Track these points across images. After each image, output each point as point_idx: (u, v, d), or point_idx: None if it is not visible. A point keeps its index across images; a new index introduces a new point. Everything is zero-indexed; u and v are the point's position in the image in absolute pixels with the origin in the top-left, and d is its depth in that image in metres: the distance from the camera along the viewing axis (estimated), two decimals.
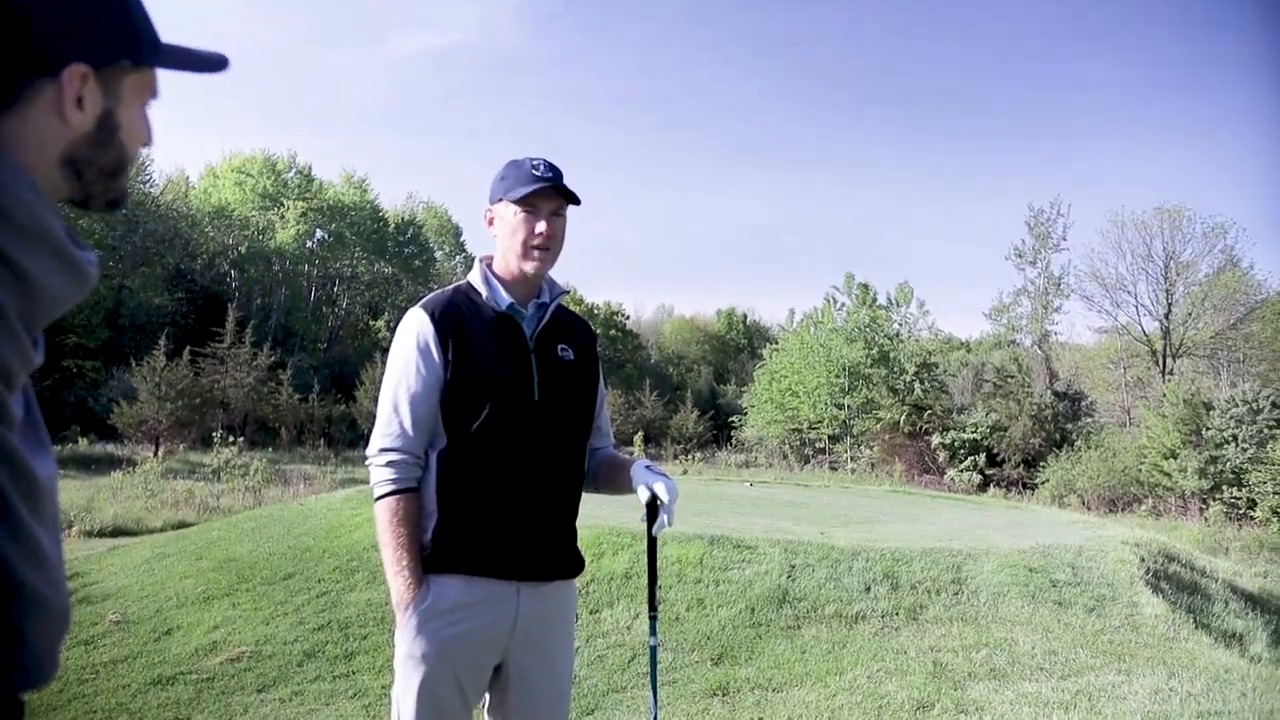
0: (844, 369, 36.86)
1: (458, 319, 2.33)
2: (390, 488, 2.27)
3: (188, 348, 29.76)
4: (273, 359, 34.73)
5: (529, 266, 2.35)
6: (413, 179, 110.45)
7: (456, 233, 61.37)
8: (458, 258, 61.73)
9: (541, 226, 2.33)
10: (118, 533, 13.40)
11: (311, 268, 51.51)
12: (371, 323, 52.22)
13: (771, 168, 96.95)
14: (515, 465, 2.29)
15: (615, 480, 2.49)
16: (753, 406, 40.69)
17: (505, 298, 2.37)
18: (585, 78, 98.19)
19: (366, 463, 2.36)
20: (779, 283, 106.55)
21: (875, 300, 38.60)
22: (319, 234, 51.09)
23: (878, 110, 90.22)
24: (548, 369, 2.37)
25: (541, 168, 2.33)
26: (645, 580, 7.30)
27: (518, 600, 2.31)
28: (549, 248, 2.36)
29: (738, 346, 66.17)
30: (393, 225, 54.04)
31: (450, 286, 2.46)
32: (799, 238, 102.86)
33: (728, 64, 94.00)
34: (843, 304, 39.26)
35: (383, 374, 2.44)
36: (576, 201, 2.36)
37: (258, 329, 37.64)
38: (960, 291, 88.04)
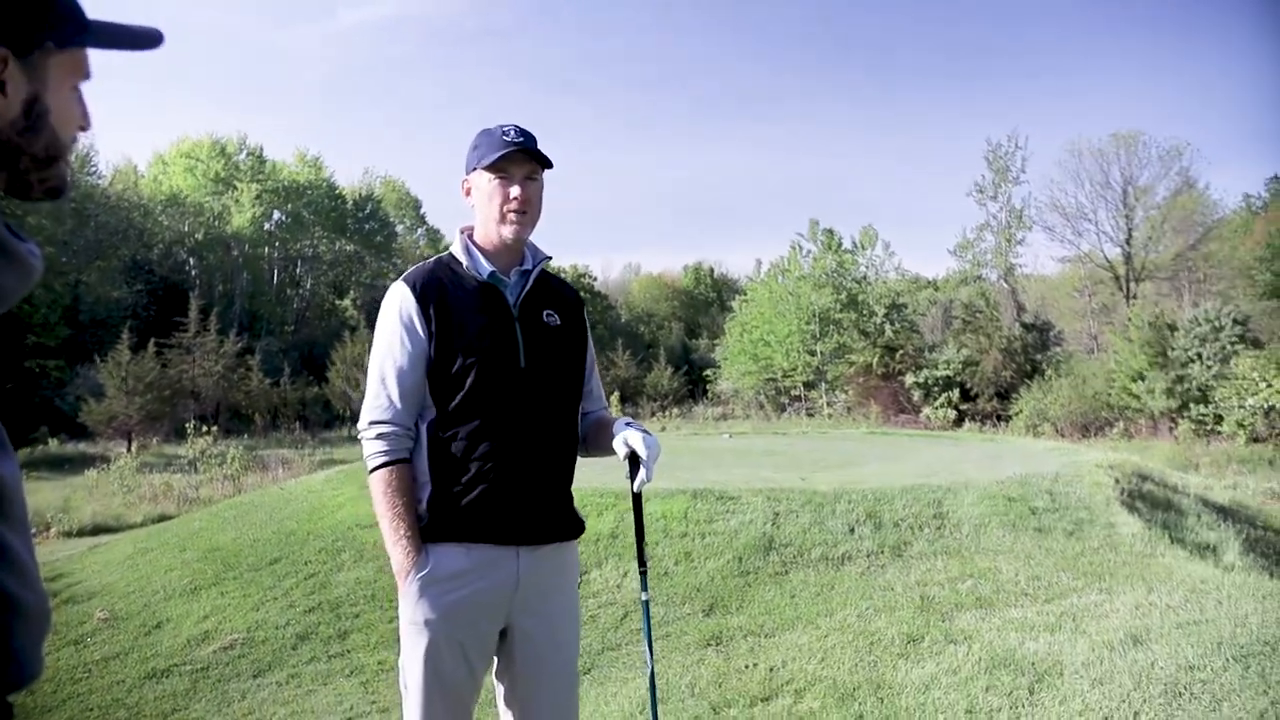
0: (814, 315, 36.97)
1: (440, 290, 2.35)
2: (383, 459, 2.29)
3: (152, 340, 29.29)
4: (240, 345, 34.32)
5: (507, 232, 2.36)
6: (368, 154, 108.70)
7: (416, 206, 60.66)
8: (419, 230, 61.11)
9: (516, 191, 2.34)
10: (98, 531, 13.28)
11: (271, 250, 50.77)
12: (337, 302, 51.67)
13: (731, 121, 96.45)
14: (504, 432, 2.30)
15: (601, 441, 2.50)
16: (726, 359, 40.80)
17: (486, 266, 2.39)
18: (535, 43, 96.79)
19: (358, 437, 2.38)
20: (745, 235, 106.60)
21: (841, 245, 38.61)
22: (276, 215, 50.28)
23: (834, 58, 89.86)
24: (533, 335, 2.38)
25: (512, 133, 2.34)
26: (632, 538, 7.37)
27: (517, 564, 2.32)
28: (525, 211, 2.36)
29: (707, 300, 66.15)
30: (351, 202, 53.28)
31: (432, 258, 2.47)
32: (762, 189, 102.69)
33: (679, 21, 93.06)
34: (809, 251, 39.25)
35: (364, 352, 2.43)
36: (549, 165, 2.38)
37: (222, 316, 37.13)
38: (925, 231, 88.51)
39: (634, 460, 2.37)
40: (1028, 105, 73.84)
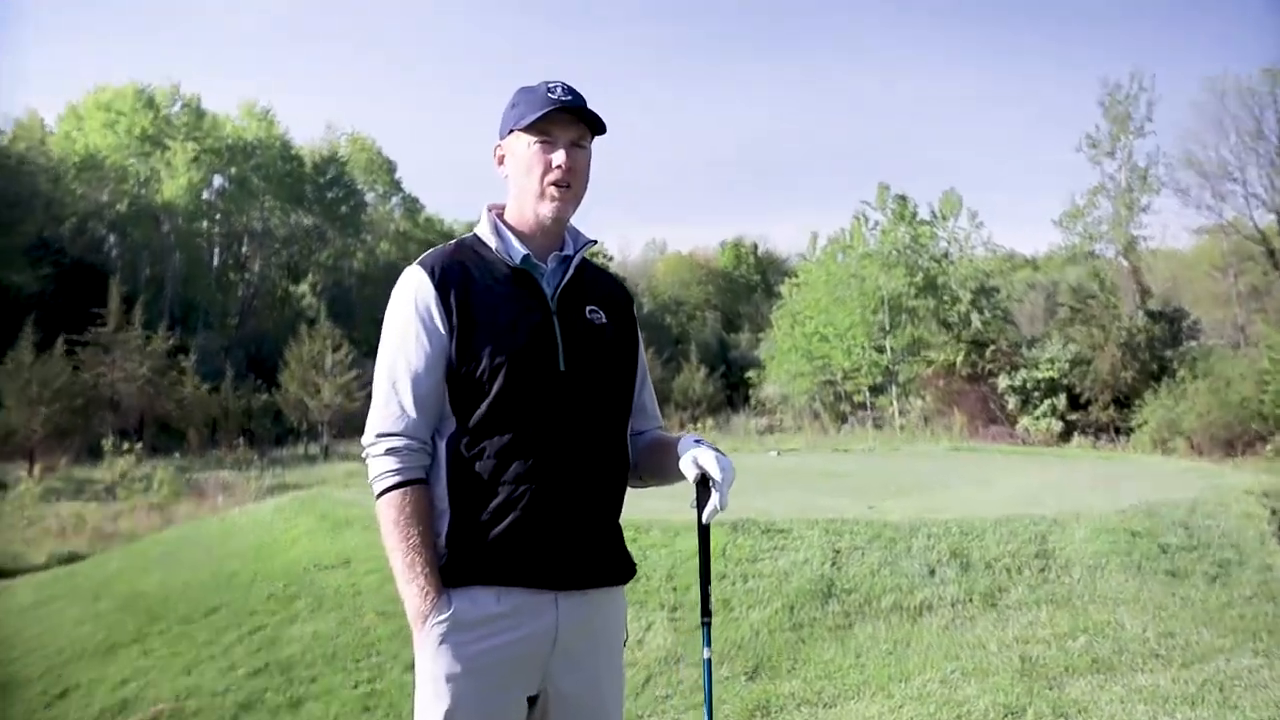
0: (883, 302, 36.81)
1: (463, 277, 2.39)
2: (394, 480, 2.32)
3: (61, 335, 29.59)
4: (171, 342, 34.62)
5: (546, 209, 2.42)
6: (330, 105, 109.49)
7: (390, 168, 61.01)
8: (394, 199, 61.54)
9: (560, 158, 2.39)
10: None
11: (211, 225, 51.28)
12: (292, 288, 52.12)
13: (773, 60, 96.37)
14: (541, 449, 2.33)
15: (661, 464, 2.54)
16: (772, 358, 40.72)
17: (519, 249, 2.43)
18: None
19: (363, 453, 2.40)
20: (795, 203, 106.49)
21: (916, 215, 38.42)
22: (217, 181, 50.81)
23: None
24: (575, 333, 2.43)
25: (559, 90, 2.40)
26: (657, 581, 7.32)
27: (556, 612, 2.35)
28: (569, 184, 2.42)
29: (749, 285, 66.20)
30: (310, 165, 53.74)
31: (453, 241, 2.53)
32: (815, 146, 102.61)
33: None
34: (876, 222, 39.08)
35: (324, 349, 2.42)
36: (601, 129, 2.44)
37: (149, 306, 37.49)
38: (1021, 197, 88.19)
39: (703, 484, 2.41)
40: (1152, 34, 73.19)
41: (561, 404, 2.36)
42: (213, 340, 42.84)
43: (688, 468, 2.40)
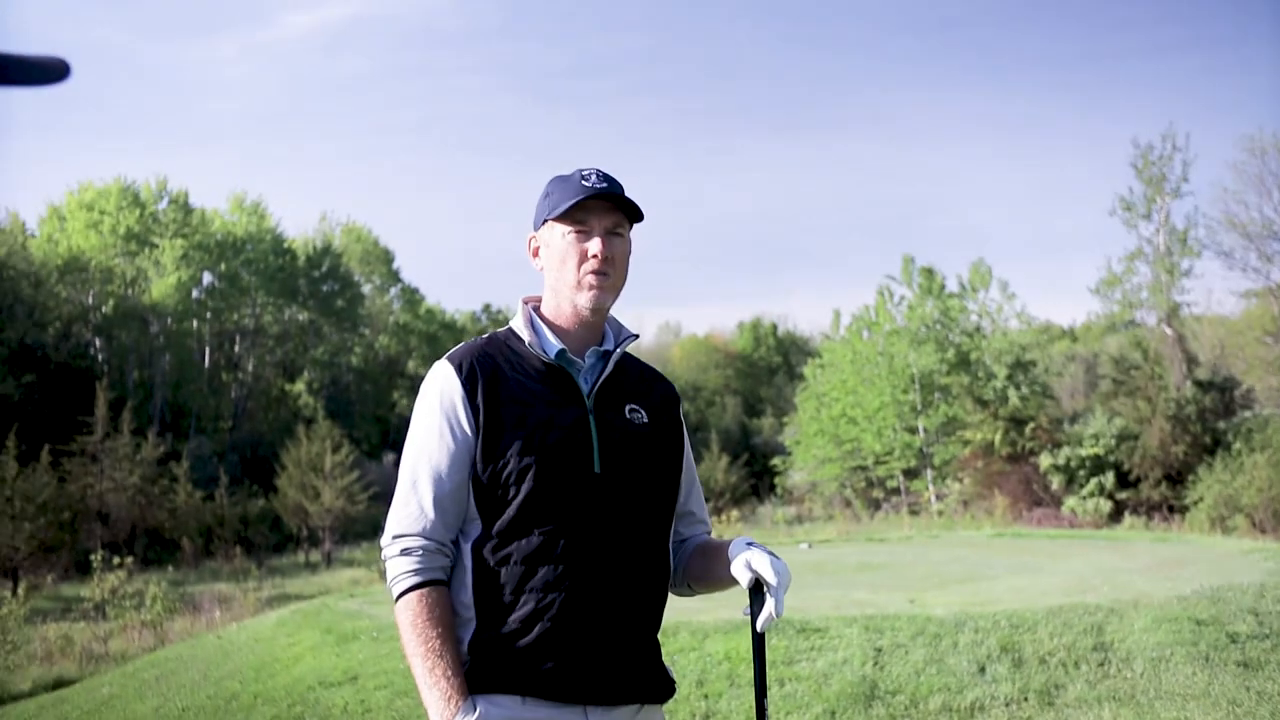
0: (913, 380, 36.86)
1: (493, 372, 2.42)
2: (412, 580, 2.32)
3: (46, 445, 29.74)
4: (162, 449, 34.82)
5: (584, 301, 2.45)
6: (323, 196, 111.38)
7: (388, 259, 61.78)
8: (393, 290, 62.14)
9: (596, 246, 2.42)
10: None
11: (202, 324, 51.77)
12: (288, 387, 52.39)
13: (783, 133, 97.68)
14: (572, 556, 2.33)
15: (710, 569, 2.54)
16: (798, 443, 40.67)
17: (555, 344, 2.46)
18: (526, 44, 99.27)
19: (381, 556, 2.43)
20: (815, 280, 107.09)
21: (944, 288, 38.68)
22: (207, 279, 51.42)
23: (917, 41, 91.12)
24: (612, 433, 2.43)
25: (593, 177, 2.45)
26: (684, 690, 7.24)
27: None
28: (607, 274, 2.44)
29: (771, 367, 66.33)
30: (303, 258, 54.38)
31: (484, 335, 2.56)
32: (834, 219, 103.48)
33: (708, 6, 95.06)
34: (902, 297, 39.34)
35: (323, 451, 2.44)
36: (639, 217, 2.49)
37: (139, 411, 37.78)
38: (1054, 265, 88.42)
39: (757, 590, 2.39)
40: (1185, 91, 74.11)
41: (595, 508, 2.36)
42: (205, 445, 43.01)
43: (740, 573, 2.38)
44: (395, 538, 2.36)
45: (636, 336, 2.56)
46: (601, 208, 2.43)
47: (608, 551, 2.36)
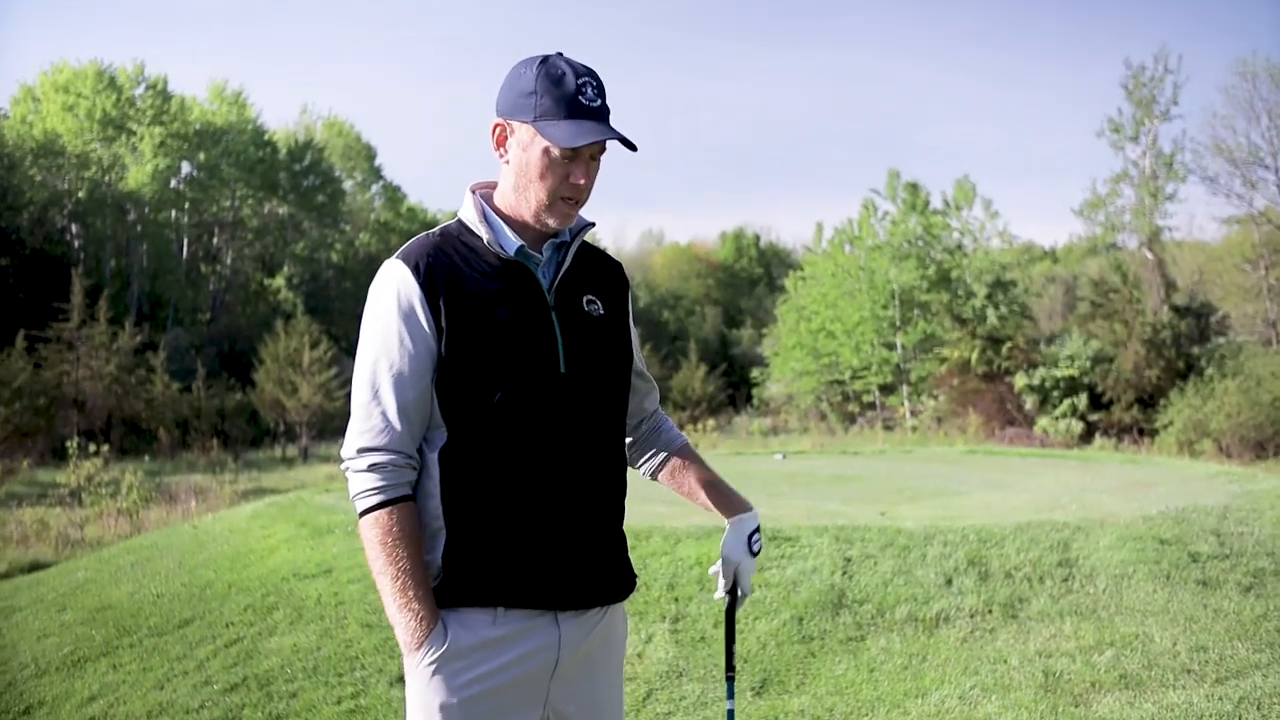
0: (893, 297, 36.90)
1: (450, 271, 2.32)
2: (376, 499, 2.27)
3: (21, 331, 29.63)
4: (139, 339, 34.64)
5: (552, 221, 2.35)
6: (305, 87, 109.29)
7: (370, 154, 60.99)
8: (374, 187, 61.50)
9: (579, 175, 2.31)
10: None
11: (180, 214, 51.18)
12: (267, 281, 52.03)
13: (774, 42, 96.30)
14: (543, 460, 2.30)
15: (686, 493, 2.68)
16: (777, 355, 40.82)
17: (513, 240, 2.36)
18: None
19: (342, 467, 2.36)
20: (800, 192, 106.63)
21: (928, 204, 38.55)
22: (186, 169, 50.69)
23: None
24: (574, 330, 2.38)
25: (589, 93, 2.29)
26: (655, 593, 7.32)
27: (559, 633, 2.35)
28: (581, 201, 2.36)
29: (752, 278, 66.27)
30: (284, 150, 53.64)
31: (435, 229, 2.44)
32: (821, 131, 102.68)
33: None
34: (886, 212, 39.22)
35: (302, 346, 2.41)
36: (632, 148, 2.34)
37: (115, 300, 37.46)
38: (1039, 185, 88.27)
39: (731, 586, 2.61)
40: (1177, 14, 73.25)
41: (562, 409, 2.32)
42: (183, 337, 42.82)
43: (720, 576, 2.58)
44: (360, 451, 2.29)
45: (593, 225, 2.47)
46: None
47: (574, 451, 2.33)
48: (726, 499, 2.62)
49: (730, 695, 2.64)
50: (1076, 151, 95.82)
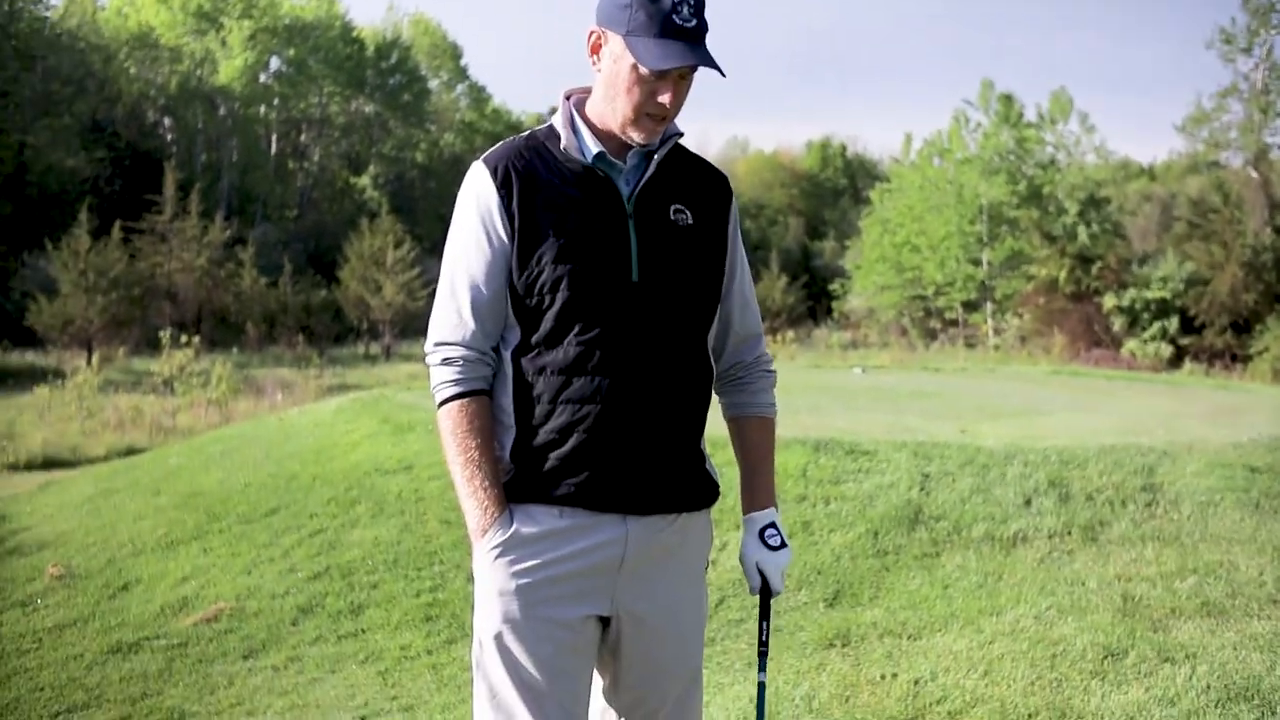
0: (981, 212, 36.16)
1: (529, 176, 2.35)
2: (453, 390, 2.35)
3: (117, 222, 30.24)
4: (229, 233, 35.21)
5: (637, 137, 2.34)
6: None
7: (456, 54, 60.71)
8: (459, 87, 61.30)
9: (667, 95, 2.29)
10: (50, 464, 13.89)
11: (269, 110, 51.62)
12: (353, 180, 52.49)
13: None
14: (609, 368, 2.31)
15: (740, 438, 2.69)
16: (859, 268, 40.38)
17: (593, 147, 2.36)
18: None
19: (425, 361, 2.43)
20: (889, 101, 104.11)
21: (1022, 117, 37.48)
22: (275, 64, 50.98)
23: None
24: (652, 238, 2.36)
25: (685, 11, 2.25)
26: (729, 500, 7.37)
27: (626, 534, 2.36)
28: (667, 118, 2.33)
29: (836, 189, 65.34)
30: (372, 48, 53.62)
31: (524, 133, 2.47)
32: (912, 38, 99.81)
33: None
34: (978, 124, 38.21)
35: (387, 245, 2.42)
36: (721, 73, 2.30)
37: (206, 194, 38.09)
38: (1138, 99, 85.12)
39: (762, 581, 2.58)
40: None
41: (632, 318, 2.32)
42: (271, 232, 43.49)
43: (751, 573, 2.56)
44: (437, 345, 2.38)
45: (682, 134, 2.43)
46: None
47: (645, 360, 2.33)
48: (752, 493, 2.62)
49: (762, 669, 2.66)
50: (1181, 63, 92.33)
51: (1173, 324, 29.19)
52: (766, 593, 2.59)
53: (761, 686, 2.66)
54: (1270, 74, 32.65)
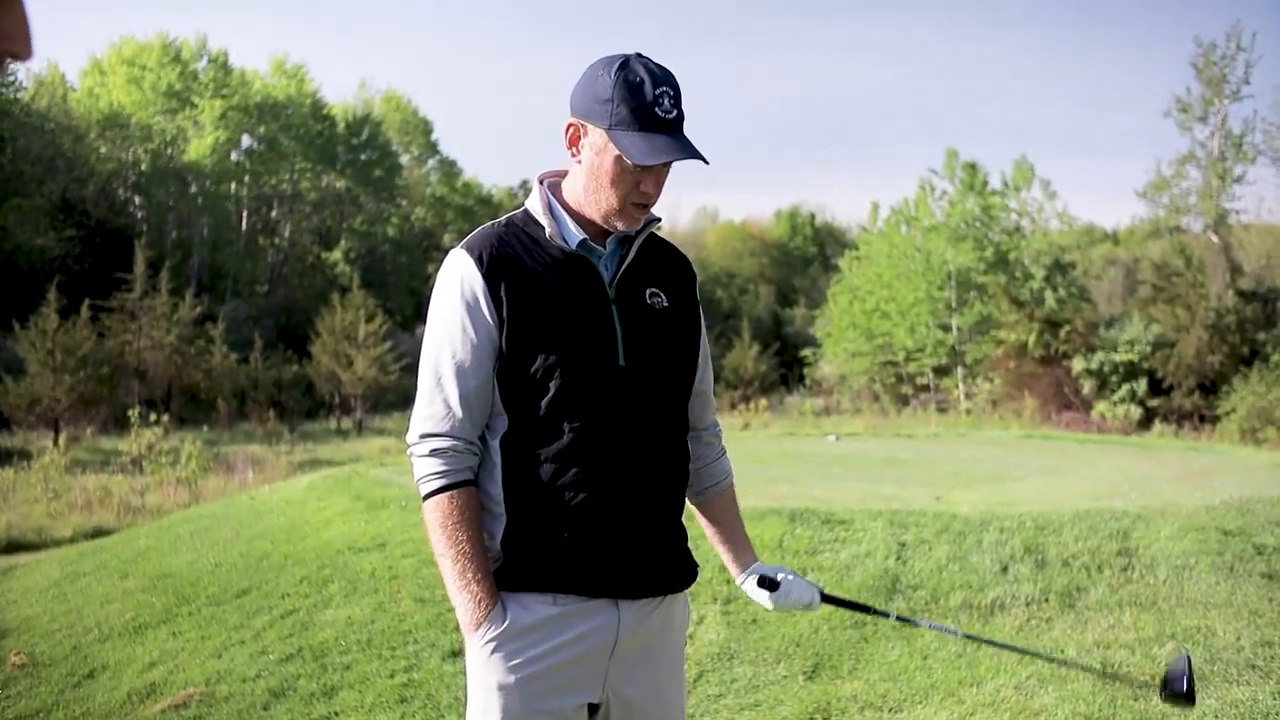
0: (949, 278, 36.51)
1: (513, 262, 2.35)
2: (440, 482, 2.33)
3: (86, 301, 30.04)
4: (199, 309, 35.12)
5: (622, 224, 2.37)
6: (364, 62, 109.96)
7: (427, 129, 61.27)
8: (430, 161, 61.76)
9: (651, 186, 2.33)
10: (13, 548, 13.64)
11: (240, 187, 51.75)
12: (324, 255, 52.56)
13: (834, 18, 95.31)
14: (601, 452, 2.33)
15: (709, 534, 2.78)
16: (830, 335, 40.59)
17: (576, 234, 2.39)
18: None
19: (408, 452, 2.41)
20: (855, 170, 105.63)
21: (986, 184, 38.03)
22: (246, 142, 51.22)
23: None
24: (634, 323, 2.40)
25: (666, 104, 2.27)
26: (706, 574, 7.31)
27: (618, 619, 2.37)
28: (651, 205, 2.37)
29: (806, 257, 65.93)
30: (342, 124, 54.04)
31: (500, 219, 2.48)
32: (878, 108, 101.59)
33: None
34: (943, 192, 38.72)
35: (358, 320, 2.43)
36: (704, 161, 2.33)
37: (176, 271, 37.96)
38: (1100, 166, 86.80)
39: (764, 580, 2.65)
40: None
41: (621, 402, 2.34)
42: (241, 308, 43.40)
43: (800, 595, 2.66)
44: (423, 436, 2.35)
45: (658, 220, 2.46)
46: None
47: (634, 444, 2.35)
48: (737, 553, 2.74)
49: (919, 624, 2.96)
50: (1140, 131, 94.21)
51: (1141, 386, 29.43)
52: (828, 598, 2.71)
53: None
54: (1225, 141, 33.33)
